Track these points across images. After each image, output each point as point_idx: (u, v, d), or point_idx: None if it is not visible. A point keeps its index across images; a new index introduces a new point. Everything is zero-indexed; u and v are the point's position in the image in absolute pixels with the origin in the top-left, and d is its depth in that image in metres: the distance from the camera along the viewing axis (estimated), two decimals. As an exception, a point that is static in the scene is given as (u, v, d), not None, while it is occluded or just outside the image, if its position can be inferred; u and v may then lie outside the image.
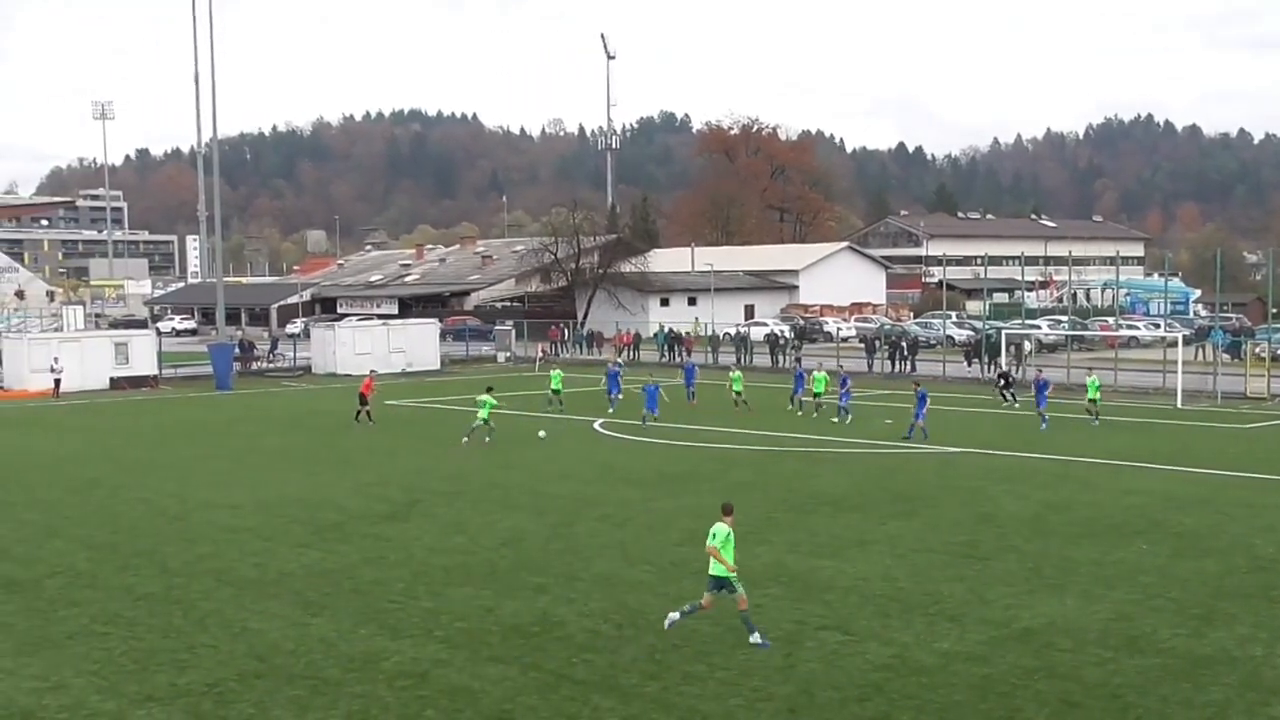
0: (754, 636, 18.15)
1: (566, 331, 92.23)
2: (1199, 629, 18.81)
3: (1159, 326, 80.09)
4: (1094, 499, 29.73)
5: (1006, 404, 50.56)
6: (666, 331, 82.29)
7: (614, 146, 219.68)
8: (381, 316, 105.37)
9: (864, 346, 72.89)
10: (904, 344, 70.30)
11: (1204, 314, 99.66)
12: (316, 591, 21.69)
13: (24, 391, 61.42)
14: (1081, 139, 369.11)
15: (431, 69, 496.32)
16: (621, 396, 51.29)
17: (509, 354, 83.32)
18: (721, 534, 18.24)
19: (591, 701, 15.99)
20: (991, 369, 60.94)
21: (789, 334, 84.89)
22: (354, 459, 38.17)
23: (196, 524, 28.00)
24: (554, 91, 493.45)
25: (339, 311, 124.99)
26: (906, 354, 68.77)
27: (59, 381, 60.81)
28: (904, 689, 16.28)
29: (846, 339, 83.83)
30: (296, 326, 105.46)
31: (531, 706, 15.85)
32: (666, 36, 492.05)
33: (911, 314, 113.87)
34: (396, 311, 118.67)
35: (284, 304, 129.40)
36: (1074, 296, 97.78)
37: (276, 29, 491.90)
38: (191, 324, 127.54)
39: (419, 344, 76.33)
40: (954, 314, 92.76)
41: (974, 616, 19.61)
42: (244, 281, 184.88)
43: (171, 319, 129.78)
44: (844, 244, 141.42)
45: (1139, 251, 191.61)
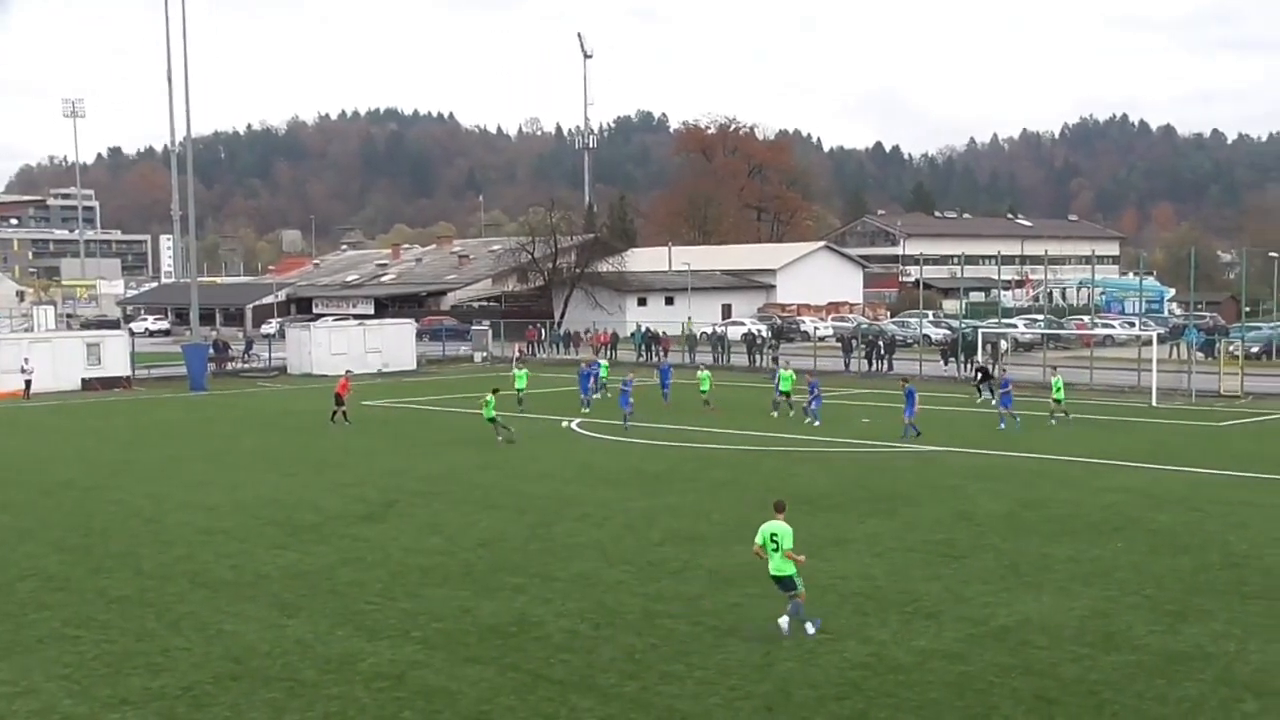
0: (809, 626, 18.38)
1: (544, 331, 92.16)
2: (1174, 625, 18.86)
3: (1134, 325, 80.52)
4: (1070, 497, 29.81)
5: (981, 399, 50.68)
6: (644, 331, 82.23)
7: (591, 146, 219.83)
8: (357, 316, 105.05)
9: (841, 346, 72.98)
10: (881, 343, 70.47)
11: (1178, 313, 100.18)
12: (293, 593, 21.59)
13: (-5, 392, 61.02)
14: (1057, 138, 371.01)
15: (408, 68, 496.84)
16: (599, 396, 51.33)
17: (486, 354, 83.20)
18: (786, 535, 18.47)
19: (569, 701, 15.94)
20: (969, 366, 61.03)
21: (766, 333, 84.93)
22: (330, 460, 38.03)
23: (171, 526, 27.84)
24: (531, 91, 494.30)
25: (315, 311, 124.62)
26: (883, 353, 68.91)
27: (29, 382, 60.32)
28: (881, 687, 16.28)
29: (824, 338, 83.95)
30: (272, 327, 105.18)
31: (509, 707, 15.79)
32: (644, 36, 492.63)
33: (888, 313, 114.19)
34: (373, 311, 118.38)
35: (259, 304, 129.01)
36: (1050, 295, 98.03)
37: (251, 27, 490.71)
38: (165, 324, 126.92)
39: (395, 344, 76.09)
40: (931, 313, 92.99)
41: (951, 614, 19.63)
42: (218, 281, 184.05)
43: (145, 319, 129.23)
44: (821, 243, 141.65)
45: (1114, 250, 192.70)
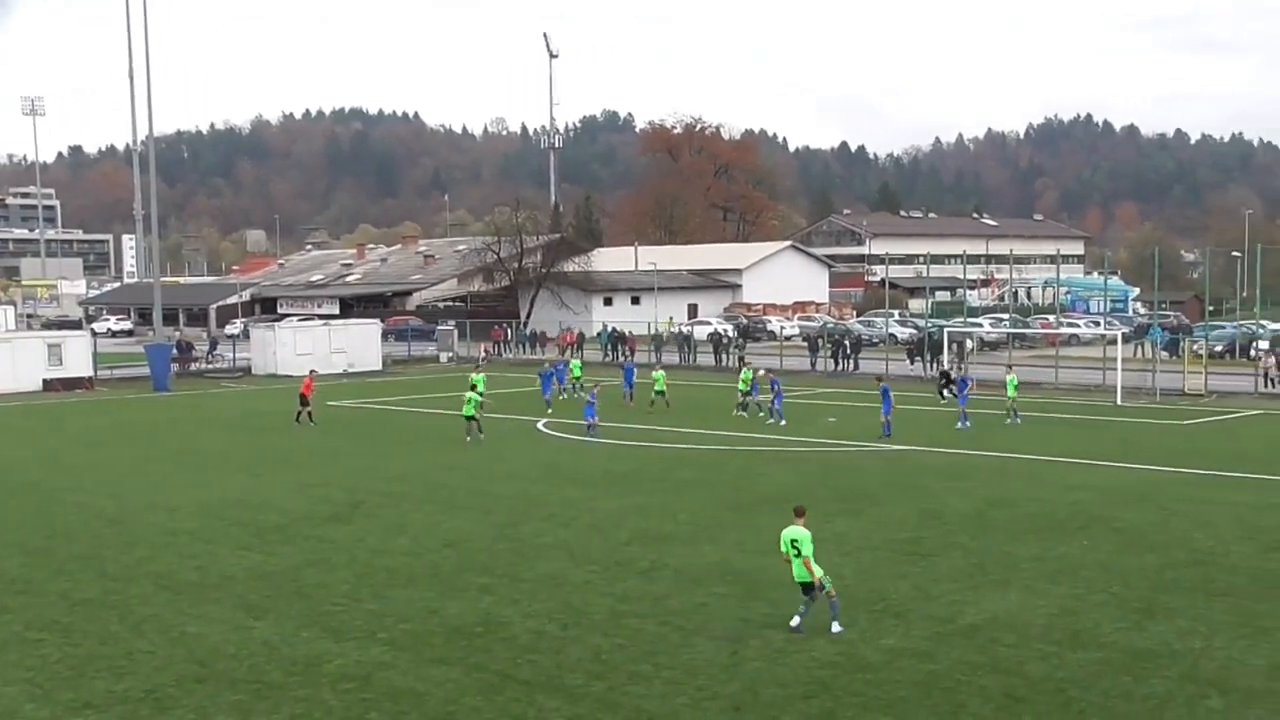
0: (835, 625, 18.41)
1: (510, 331, 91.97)
2: (1140, 623, 18.94)
3: (1099, 324, 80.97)
4: (1037, 495, 29.92)
5: (945, 401, 50.87)
6: (610, 331, 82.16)
7: (557, 145, 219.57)
8: (323, 317, 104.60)
9: (807, 345, 73.09)
10: (847, 343, 70.59)
11: (1143, 312, 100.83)
12: (258, 594, 21.45)
13: (-45, 394, 60.46)
14: (1022, 139, 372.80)
15: (372, 67, 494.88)
16: (565, 397, 51.38)
17: (452, 354, 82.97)
18: (806, 541, 18.49)
19: (537, 702, 15.88)
20: (934, 367, 61.24)
21: (732, 333, 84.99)
22: (296, 460, 37.84)
23: (135, 527, 27.64)
24: (496, 90, 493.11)
25: (279, 312, 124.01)
26: (849, 353, 69.02)
27: (-11, 384, 59.88)
28: (849, 686, 16.28)
29: (790, 338, 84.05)
30: (236, 327, 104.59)
31: (476, 708, 15.72)
32: (610, 35, 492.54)
33: (854, 312, 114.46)
34: (338, 311, 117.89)
35: (223, 304, 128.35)
36: (1015, 295, 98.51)
37: (214, 25, 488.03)
38: (128, 324, 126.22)
39: (361, 344, 75.76)
40: (897, 312, 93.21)
41: (919, 613, 19.66)
42: (182, 281, 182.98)
43: (107, 319, 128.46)
44: (787, 243, 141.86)
45: (1079, 250, 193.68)
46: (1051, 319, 79.83)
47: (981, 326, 79.63)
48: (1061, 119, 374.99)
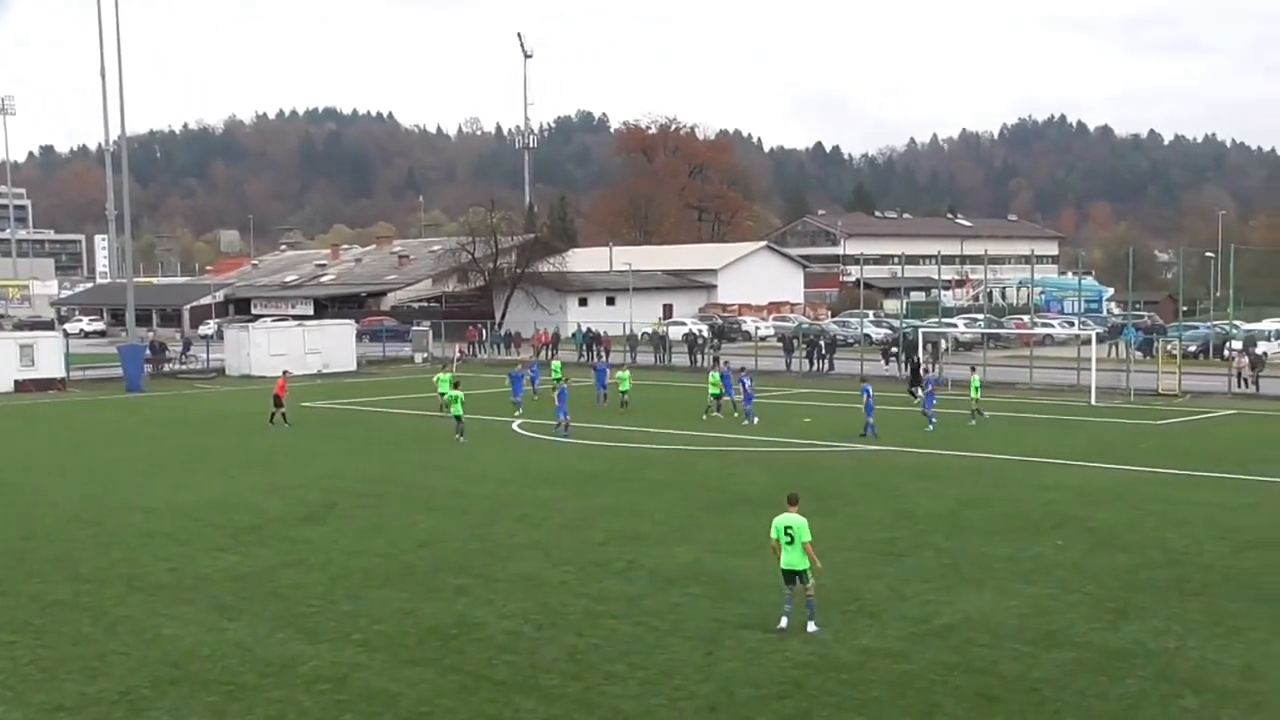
0: (811, 625, 18.41)
1: (484, 332, 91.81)
2: (1114, 622, 19.01)
3: (1073, 324, 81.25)
4: (1010, 495, 30.01)
5: (917, 400, 50.94)
6: (585, 331, 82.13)
7: (531, 146, 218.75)
8: (297, 317, 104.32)
9: (782, 346, 73.19)
10: (822, 343, 70.69)
11: (1117, 312, 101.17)
12: (233, 596, 21.37)
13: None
14: (996, 139, 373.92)
15: (346, 67, 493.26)
16: (538, 398, 51.42)
17: (426, 355, 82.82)
18: (804, 528, 18.39)
19: (512, 703, 15.86)
20: (906, 368, 61.27)
21: (707, 333, 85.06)
22: (270, 461, 37.72)
23: (108, 528, 27.49)
24: (471, 90, 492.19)
25: (253, 312, 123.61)
26: (824, 353, 69.14)
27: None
28: (824, 686, 16.30)
29: (765, 338, 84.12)
30: (210, 327, 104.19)
31: (451, 709, 15.69)
32: (584, 36, 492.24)
33: (829, 313, 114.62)
34: (312, 312, 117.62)
35: (197, 305, 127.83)
36: (990, 295, 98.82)
37: (187, 24, 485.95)
38: (100, 325, 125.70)
39: (335, 345, 75.56)
40: (871, 313, 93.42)
41: (893, 613, 19.70)
42: (155, 282, 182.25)
43: (79, 320, 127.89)
44: (762, 243, 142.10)
45: (1053, 250, 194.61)
46: (1026, 319, 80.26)
47: (956, 327, 79.82)
48: (1035, 119, 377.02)
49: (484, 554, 24.24)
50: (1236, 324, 71.80)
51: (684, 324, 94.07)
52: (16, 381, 63.13)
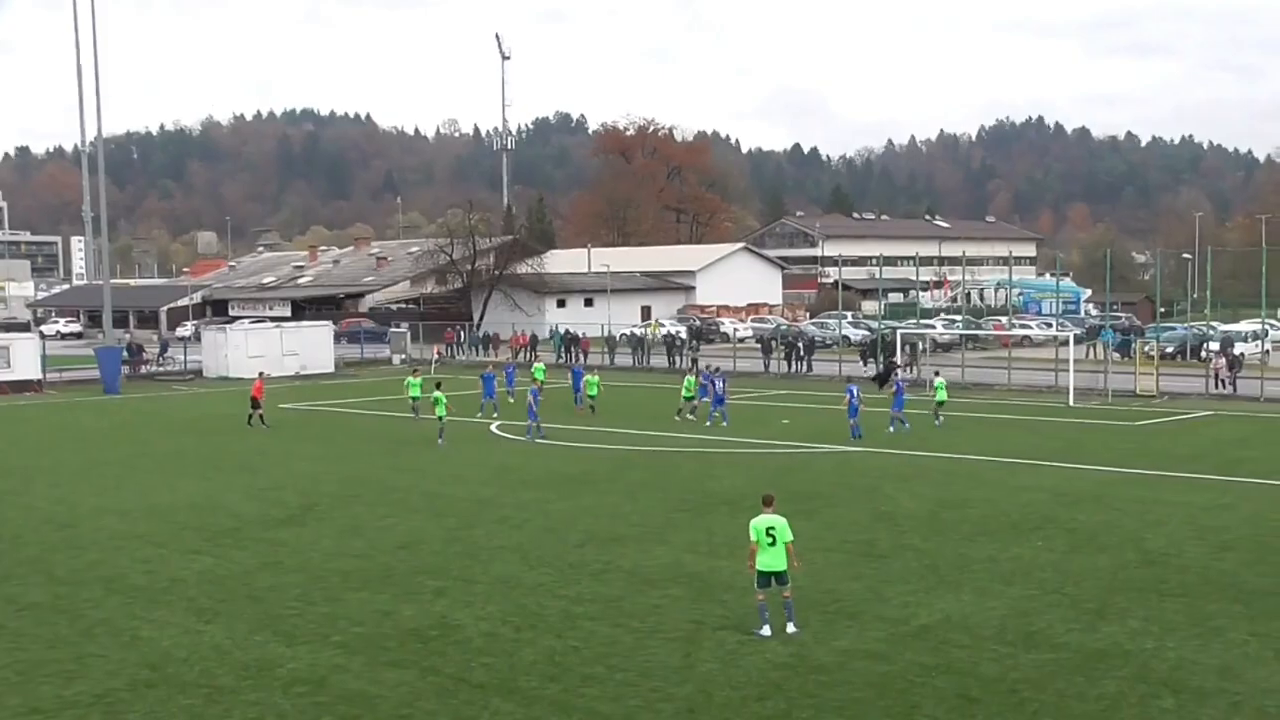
0: (791, 626, 18.42)
1: (462, 333, 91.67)
2: (1093, 623, 19.05)
3: (1051, 326, 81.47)
4: (989, 497, 30.07)
5: (880, 391, 50.87)
6: (563, 333, 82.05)
7: (509, 147, 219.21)
8: (274, 319, 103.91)
9: (761, 347, 73.24)
10: (800, 344, 70.76)
11: (1095, 313, 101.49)
12: (210, 598, 21.28)
13: (-98, 397, 59.63)
14: (974, 140, 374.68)
15: (324, 68, 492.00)
16: (513, 400, 51.42)
17: (404, 356, 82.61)
18: (786, 528, 18.40)
19: (491, 705, 15.83)
20: (881, 367, 61.26)
21: (685, 335, 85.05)
22: (248, 463, 37.58)
23: (85, 531, 27.36)
24: (449, 92, 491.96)
25: (231, 314, 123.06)
26: (803, 354, 69.21)
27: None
28: (803, 687, 16.30)
29: (743, 339, 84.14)
30: (187, 329, 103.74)
31: (430, 711, 15.65)
32: (562, 37, 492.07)
33: (807, 314, 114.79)
34: (290, 314, 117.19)
35: (174, 306, 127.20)
36: (968, 296, 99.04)
37: (164, 24, 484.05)
38: (77, 327, 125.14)
39: (313, 347, 75.35)
40: (850, 314, 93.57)
41: (872, 614, 19.71)
42: (132, 284, 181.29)
43: (56, 322, 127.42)
44: (740, 245, 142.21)
45: (1031, 252, 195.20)
46: (1004, 320, 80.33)
47: (934, 328, 79.95)
48: (1013, 121, 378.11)
49: (463, 556, 24.19)
50: (1213, 325, 72.09)
51: (663, 325, 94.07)
52: (-8, 383, 62.78)
